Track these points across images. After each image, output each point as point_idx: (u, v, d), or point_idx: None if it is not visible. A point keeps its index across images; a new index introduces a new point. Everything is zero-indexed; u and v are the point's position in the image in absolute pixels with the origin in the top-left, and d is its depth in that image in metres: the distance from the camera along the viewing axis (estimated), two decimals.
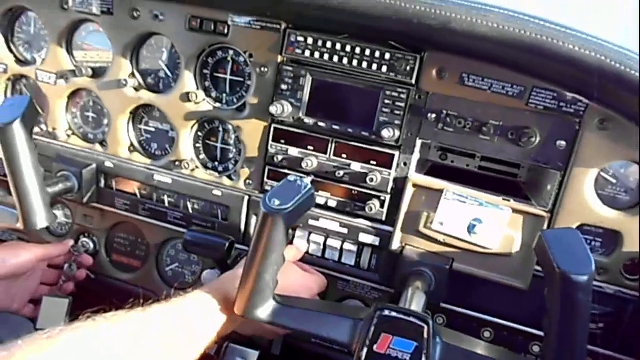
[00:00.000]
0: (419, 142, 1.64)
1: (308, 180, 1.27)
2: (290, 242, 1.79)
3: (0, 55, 2.00)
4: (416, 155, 1.66)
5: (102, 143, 1.98)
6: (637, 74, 1.24)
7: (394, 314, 1.22)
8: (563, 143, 1.50)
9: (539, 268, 1.53)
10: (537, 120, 1.50)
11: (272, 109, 1.62)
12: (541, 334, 1.38)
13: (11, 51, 2.03)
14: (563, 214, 1.53)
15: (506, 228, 1.58)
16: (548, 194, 1.58)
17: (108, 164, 1.95)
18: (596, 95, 1.37)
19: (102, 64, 1.93)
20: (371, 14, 1.42)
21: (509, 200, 1.60)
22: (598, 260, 1.54)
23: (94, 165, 1.95)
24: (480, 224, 1.59)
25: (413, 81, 1.56)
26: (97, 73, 1.92)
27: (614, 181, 1.53)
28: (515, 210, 1.57)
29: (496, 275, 1.61)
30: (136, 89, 1.87)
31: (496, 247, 1.58)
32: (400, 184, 1.67)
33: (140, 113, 1.94)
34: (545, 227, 1.54)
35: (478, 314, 1.72)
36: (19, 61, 2.03)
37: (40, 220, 1.60)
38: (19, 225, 1.59)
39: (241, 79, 1.78)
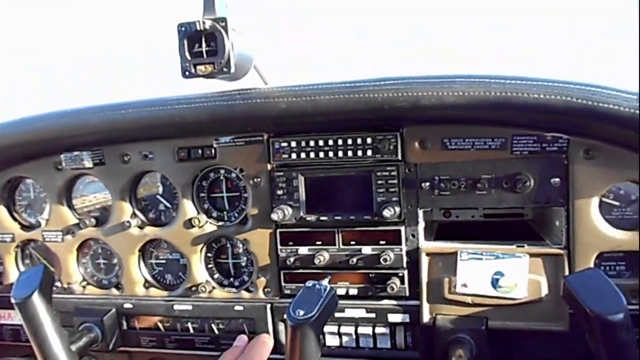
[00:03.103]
0: (420, 212, 1.67)
1: (325, 281, 1.29)
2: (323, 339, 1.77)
3: (5, 226, 2.08)
4: (421, 225, 1.69)
5: (118, 286, 2.00)
6: (604, 106, 1.30)
7: None
8: (557, 180, 1.53)
9: None
10: (526, 164, 1.55)
11: (274, 216, 1.67)
12: None
13: (15, 219, 2.11)
14: (579, 248, 1.53)
15: (529, 274, 1.58)
16: (559, 230, 1.59)
17: (127, 305, 1.96)
18: (573, 131, 1.43)
19: (103, 210, 2.00)
20: (344, 110, 1.50)
21: (523, 246, 1.61)
22: (628, 284, 1.53)
23: (114, 310, 1.96)
24: (503, 276, 1.58)
25: (399, 157, 1.62)
26: (101, 220, 1.98)
27: (617, 203, 1.55)
28: (532, 255, 1.58)
29: (533, 323, 1.58)
30: (140, 227, 1.92)
31: (524, 295, 1.57)
32: (414, 256, 1.68)
33: (148, 248, 1.98)
34: (566, 264, 1.54)
35: None
36: (24, 227, 2.09)
37: None
38: None
39: (237, 194, 1.84)
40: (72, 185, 2.00)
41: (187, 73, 1.49)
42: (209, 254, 1.91)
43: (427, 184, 1.63)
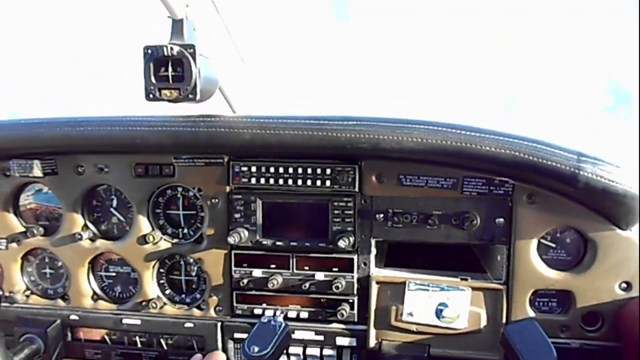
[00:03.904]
0: (373, 242, 1.73)
1: (281, 317, 1.33)
2: None
3: None
4: (373, 253, 1.75)
5: (64, 297, 1.96)
6: (548, 163, 1.41)
7: None
8: (502, 220, 1.64)
9: None
10: (474, 204, 1.64)
11: (230, 240, 1.68)
12: None
13: None
14: (517, 285, 1.64)
15: (470, 306, 1.68)
16: (500, 265, 1.69)
17: (73, 316, 1.92)
18: (518, 178, 1.54)
19: (53, 219, 1.94)
20: (307, 146, 1.54)
21: (467, 279, 1.71)
22: (558, 319, 1.66)
23: (59, 321, 1.92)
24: (447, 307, 1.68)
25: (356, 189, 1.68)
26: (49, 230, 1.92)
27: (554, 245, 1.67)
28: (475, 288, 1.68)
29: (471, 352, 1.69)
30: (92, 240, 1.88)
31: (465, 326, 1.67)
32: (364, 283, 1.74)
33: (98, 260, 1.94)
34: (504, 298, 1.65)
35: None
36: None
37: None
38: None
39: (194, 212, 1.84)
40: (19, 192, 1.94)
41: (151, 96, 1.49)
42: (162, 270, 1.90)
43: (382, 215, 1.70)
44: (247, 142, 1.57)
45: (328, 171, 1.67)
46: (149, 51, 1.46)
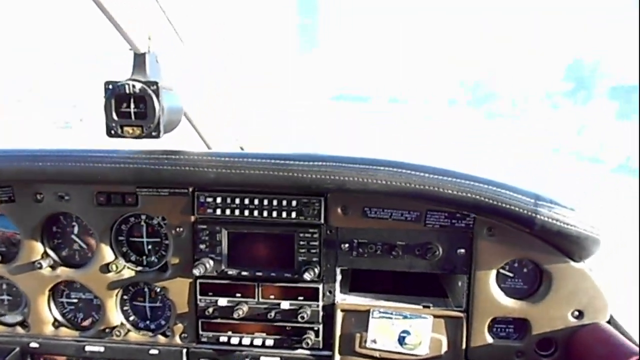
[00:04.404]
0: (338, 270, 1.76)
1: None
2: None
3: None
4: (338, 281, 1.77)
5: (23, 324, 1.91)
6: (507, 207, 1.46)
7: None
8: (462, 250, 1.69)
9: None
10: (437, 236, 1.69)
11: (195, 272, 1.68)
12: None
13: None
14: (477, 313, 1.70)
15: (432, 333, 1.73)
16: (461, 291, 1.75)
17: (33, 344, 1.88)
18: (480, 214, 1.59)
19: (10, 246, 1.88)
20: (272, 185, 1.54)
21: (429, 307, 1.75)
22: (514, 345, 1.72)
23: (18, 349, 1.87)
24: (409, 335, 1.73)
25: (322, 220, 1.69)
26: (6, 257, 1.86)
27: (512, 275, 1.73)
28: (436, 316, 1.73)
29: None
30: (52, 267, 1.84)
31: (427, 352, 1.72)
32: (329, 310, 1.77)
33: (59, 287, 1.90)
34: (464, 325, 1.71)
35: None
36: None
37: None
38: None
39: (158, 240, 1.82)
40: None
41: (112, 132, 1.46)
42: (125, 297, 1.87)
43: (347, 245, 1.72)
44: (211, 181, 1.56)
45: (294, 203, 1.68)
46: (110, 87, 1.43)
